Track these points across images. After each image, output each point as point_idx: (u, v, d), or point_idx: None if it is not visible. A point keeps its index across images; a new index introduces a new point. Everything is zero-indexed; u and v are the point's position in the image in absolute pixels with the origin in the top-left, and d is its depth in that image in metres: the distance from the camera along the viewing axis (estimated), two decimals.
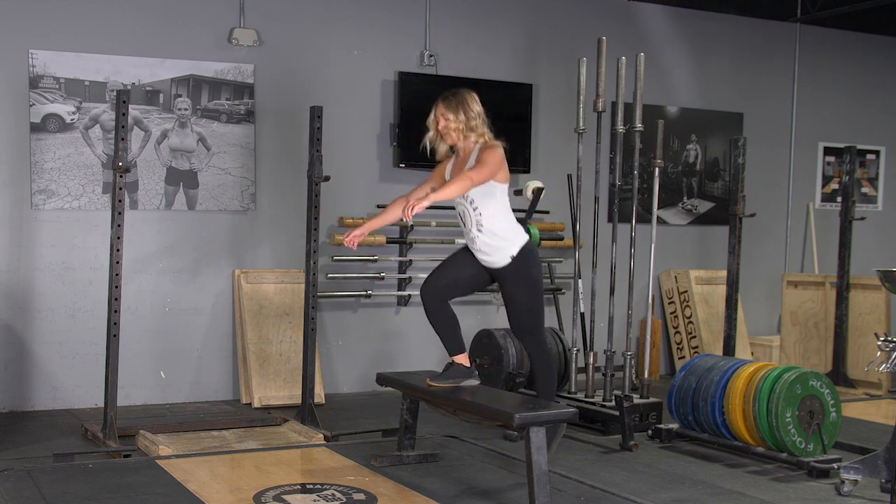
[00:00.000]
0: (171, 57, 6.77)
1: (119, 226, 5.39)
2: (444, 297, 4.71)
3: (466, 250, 4.77)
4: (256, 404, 6.73)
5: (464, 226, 4.69)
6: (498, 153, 4.54)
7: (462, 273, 4.71)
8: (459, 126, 4.61)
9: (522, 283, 4.64)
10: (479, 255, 4.67)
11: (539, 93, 8.03)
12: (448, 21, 7.68)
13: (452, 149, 4.76)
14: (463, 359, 4.76)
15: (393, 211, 4.87)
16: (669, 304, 8.59)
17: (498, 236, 4.60)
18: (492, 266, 4.66)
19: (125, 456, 5.18)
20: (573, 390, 6.50)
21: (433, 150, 4.78)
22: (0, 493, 4.37)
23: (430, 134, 4.72)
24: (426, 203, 4.27)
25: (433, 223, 7.45)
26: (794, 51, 9.27)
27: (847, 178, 7.82)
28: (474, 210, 4.60)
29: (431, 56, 7.56)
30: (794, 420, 5.19)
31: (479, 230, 4.61)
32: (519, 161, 7.73)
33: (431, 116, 4.68)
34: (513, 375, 6.36)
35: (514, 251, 4.60)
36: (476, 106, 4.65)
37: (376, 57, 7.43)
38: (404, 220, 4.37)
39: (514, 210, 7.73)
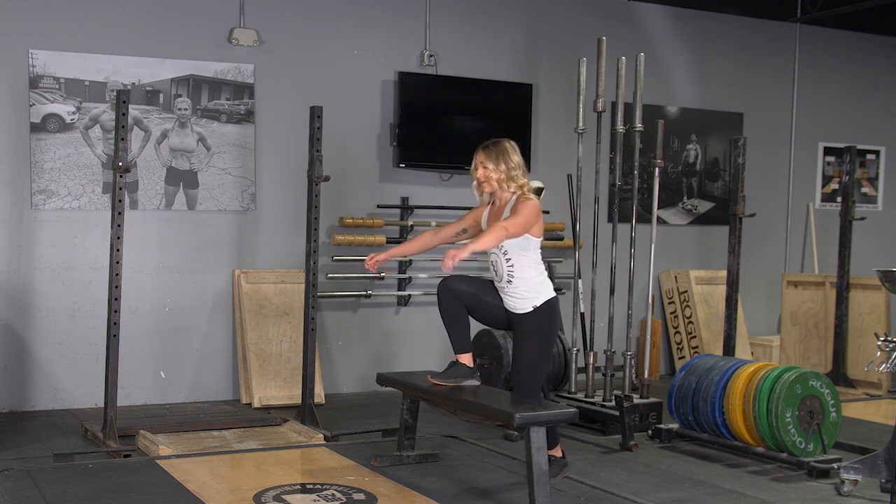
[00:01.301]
0: (171, 57, 6.77)
1: (119, 226, 5.39)
2: (459, 299, 4.69)
3: (494, 290, 4.77)
4: (256, 404, 6.73)
5: (495, 274, 4.69)
6: (535, 206, 4.54)
7: (485, 296, 4.70)
8: (500, 176, 4.61)
9: (536, 334, 4.62)
10: (506, 300, 4.69)
11: (539, 93, 8.03)
12: (448, 21, 7.68)
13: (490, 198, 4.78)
14: (467, 359, 4.74)
15: (421, 243, 4.96)
16: (669, 304, 8.59)
17: (527, 288, 4.61)
18: (513, 310, 4.66)
19: (125, 456, 5.18)
20: (573, 390, 6.50)
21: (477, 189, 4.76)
22: (0, 493, 4.37)
23: (475, 183, 4.73)
24: (464, 254, 4.26)
25: (433, 223, 7.44)
26: (794, 51, 9.27)
27: (847, 178, 7.82)
28: (507, 262, 4.60)
29: (431, 56, 7.56)
30: (794, 420, 5.19)
31: (510, 281, 4.62)
32: None
33: (472, 165, 4.69)
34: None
35: (538, 302, 4.60)
36: (516, 157, 4.64)
37: (376, 57, 7.43)
38: (443, 269, 4.36)
39: None
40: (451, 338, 4.75)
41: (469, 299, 4.69)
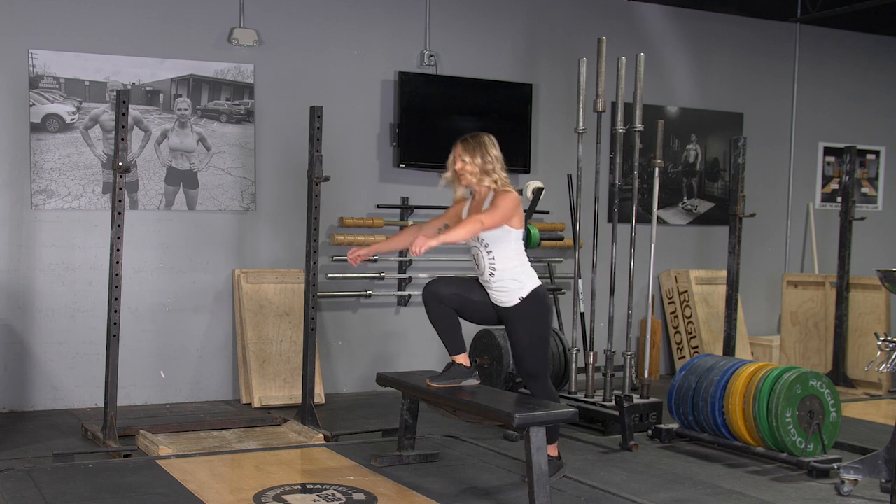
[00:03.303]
0: (171, 57, 6.77)
1: (119, 226, 5.39)
2: (445, 301, 4.70)
3: (481, 287, 4.78)
4: (256, 404, 6.73)
5: (477, 267, 4.70)
6: (512, 198, 4.55)
7: (470, 294, 4.70)
8: (475, 169, 4.62)
9: (527, 323, 4.63)
10: (492, 294, 4.69)
11: (539, 93, 8.03)
12: (448, 21, 7.68)
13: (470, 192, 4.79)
14: (463, 359, 4.76)
15: (402, 238, 5.00)
16: (669, 304, 8.59)
17: (510, 279, 4.61)
18: (500, 305, 4.67)
19: (125, 456, 5.19)
20: (573, 390, 6.50)
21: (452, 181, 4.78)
22: (0, 493, 4.37)
23: (448, 174, 4.74)
24: (435, 243, 4.30)
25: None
26: (794, 51, 9.27)
27: (847, 178, 7.82)
28: (488, 254, 4.61)
29: (431, 56, 7.56)
30: (794, 420, 5.19)
31: (492, 274, 4.62)
32: (519, 161, 7.74)
33: (450, 158, 4.69)
34: (513, 375, 6.35)
35: (524, 293, 4.61)
36: (494, 150, 4.65)
37: (376, 57, 7.43)
38: (412, 254, 4.38)
39: None
40: (444, 341, 4.76)
41: (454, 300, 4.68)
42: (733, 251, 6.43)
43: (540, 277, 8.24)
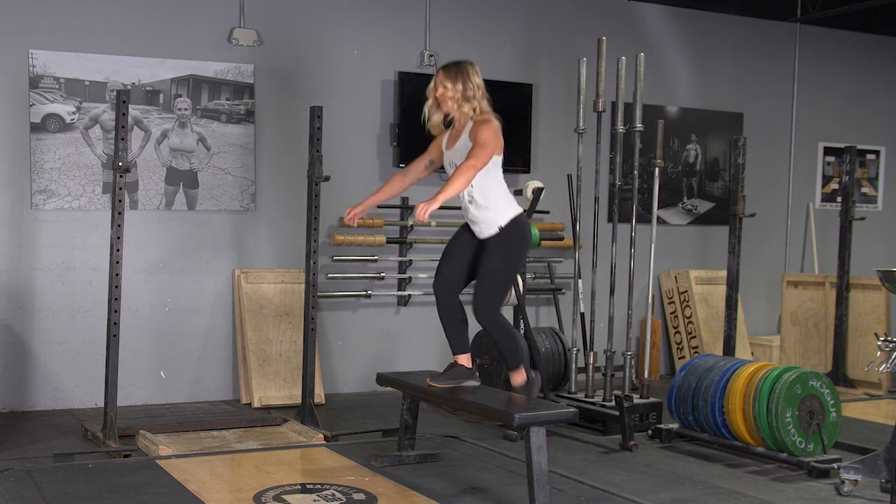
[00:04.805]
0: (171, 57, 6.77)
1: (119, 226, 5.39)
2: (456, 286, 4.67)
3: (462, 230, 4.75)
4: (256, 404, 6.73)
5: (458, 197, 4.65)
6: (492, 128, 4.51)
7: (464, 255, 4.67)
8: (456, 95, 4.59)
9: (501, 251, 4.53)
10: (473, 226, 4.65)
11: (539, 93, 8.03)
12: (448, 21, 7.68)
13: (448, 123, 4.73)
14: (465, 359, 4.75)
15: (391, 187, 4.92)
16: (669, 304, 8.59)
17: (489, 208, 4.55)
18: (481, 236, 4.62)
19: (125, 456, 5.18)
20: (573, 390, 6.50)
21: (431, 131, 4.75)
22: (0, 493, 4.37)
23: (429, 102, 4.70)
24: (436, 205, 4.25)
25: (433, 223, 7.44)
26: (794, 51, 9.27)
27: (847, 178, 7.82)
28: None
29: (431, 56, 7.56)
30: (794, 420, 5.19)
31: (471, 202, 4.58)
32: (519, 161, 7.74)
33: (431, 84, 4.67)
34: None
35: (503, 222, 4.54)
36: (476, 78, 4.63)
37: (376, 57, 7.43)
38: (417, 220, 4.32)
39: None
40: (449, 338, 4.74)
41: (459, 271, 4.65)
42: (733, 251, 6.43)
43: (540, 278, 8.29)
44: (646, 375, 6.31)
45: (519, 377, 4.71)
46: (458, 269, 4.68)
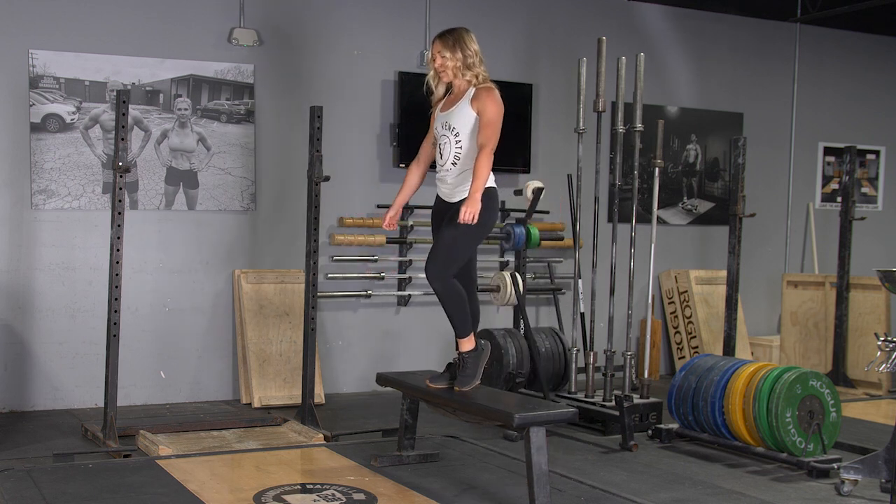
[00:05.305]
0: (171, 57, 6.77)
1: (119, 226, 5.39)
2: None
3: (436, 212, 4.70)
4: (256, 404, 6.73)
5: (440, 157, 4.60)
6: (495, 100, 4.50)
7: (439, 230, 4.64)
8: (457, 64, 4.57)
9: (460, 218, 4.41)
10: (442, 188, 4.60)
11: (539, 93, 8.03)
12: (448, 21, 7.61)
13: (447, 91, 4.69)
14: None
15: (412, 181, 4.87)
16: (669, 304, 8.59)
17: (467, 176, 4.49)
18: (452, 199, 4.57)
19: (125, 456, 5.19)
20: (573, 390, 6.50)
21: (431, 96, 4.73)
22: (0, 493, 4.37)
23: (431, 73, 4.68)
24: (478, 206, 4.25)
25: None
26: (794, 51, 9.27)
27: (847, 178, 7.82)
28: (457, 143, 4.53)
29: None
30: (794, 420, 5.19)
31: (455, 163, 4.54)
32: (519, 161, 7.74)
33: (428, 55, 4.64)
34: (513, 375, 6.36)
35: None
36: (473, 44, 4.62)
37: (376, 57, 7.43)
38: (467, 221, 4.29)
39: (513, 210, 7.77)
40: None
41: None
42: (733, 251, 6.43)
43: (540, 277, 8.29)
44: (646, 375, 6.31)
45: (468, 344, 4.63)
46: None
